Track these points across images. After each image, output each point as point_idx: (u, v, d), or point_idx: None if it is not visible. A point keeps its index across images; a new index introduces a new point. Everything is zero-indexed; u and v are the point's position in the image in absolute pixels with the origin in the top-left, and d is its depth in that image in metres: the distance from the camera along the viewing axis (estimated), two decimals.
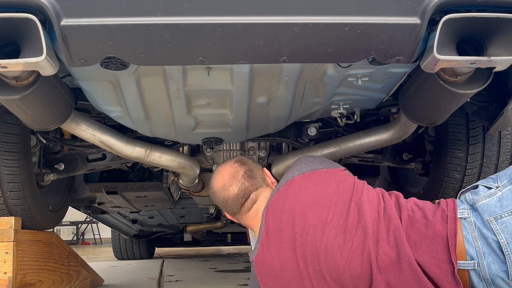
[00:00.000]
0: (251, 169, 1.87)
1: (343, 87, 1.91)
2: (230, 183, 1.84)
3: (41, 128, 1.92)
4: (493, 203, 1.53)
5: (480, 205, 1.55)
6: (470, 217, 1.55)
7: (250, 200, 1.82)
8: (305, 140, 2.50)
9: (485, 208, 1.53)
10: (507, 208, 1.51)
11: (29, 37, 1.35)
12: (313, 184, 1.74)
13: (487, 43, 1.44)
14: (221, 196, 1.86)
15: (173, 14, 1.36)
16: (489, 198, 1.55)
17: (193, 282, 3.89)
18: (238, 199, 1.83)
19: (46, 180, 2.58)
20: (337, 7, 1.39)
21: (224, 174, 1.87)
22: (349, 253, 1.59)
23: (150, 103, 1.92)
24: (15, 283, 2.19)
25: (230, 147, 2.63)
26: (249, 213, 1.84)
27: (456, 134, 2.30)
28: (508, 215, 1.50)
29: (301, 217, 1.67)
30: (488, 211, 1.52)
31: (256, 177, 1.86)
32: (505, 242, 1.48)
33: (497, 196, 1.54)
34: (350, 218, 1.64)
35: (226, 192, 1.84)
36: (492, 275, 1.49)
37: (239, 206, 1.84)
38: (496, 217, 1.51)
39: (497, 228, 1.50)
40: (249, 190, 1.82)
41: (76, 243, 15.99)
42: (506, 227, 1.49)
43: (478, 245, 1.51)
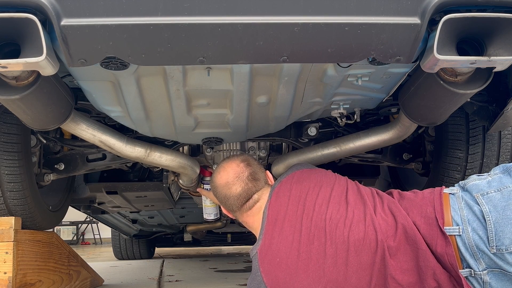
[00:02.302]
0: (256, 171, 1.93)
1: (343, 87, 1.91)
2: (234, 182, 1.89)
3: (41, 128, 1.92)
4: (482, 183, 1.64)
5: (470, 185, 1.66)
6: (458, 193, 1.67)
7: (252, 200, 1.88)
8: (305, 140, 2.50)
9: (473, 188, 1.64)
10: (493, 187, 1.60)
11: (29, 37, 1.35)
12: (314, 173, 1.91)
13: (487, 43, 1.44)
14: (223, 192, 1.91)
15: (173, 14, 1.36)
16: (479, 180, 1.66)
17: (193, 282, 3.89)
18: (240, 199, 1.88)
19: (46, 180, 2.57)
20: (337, 7, 1.39)
21: (229, 172, 1.91)
22: (352, 221, 1.70)
23: (150, 103, 1.92)
24: (15, 283, 2.19)
25: (230, 147, 2.63)
26: (250, 211, 1.89)
27: (456, 134, 2.30)
28: (494, 191, 1.59)
29: (307, 198, 1.78)
30: (476, 189, 1.63)
31: (260, 179, 1.92)
32: (487, 211, 1.56)
33: (487, 180, 1.64)
34: (349, 195, 1.79)
35: (229, 190, 1.89)
36: (475, 241, 1.57)
37: (239, 205, 1.89)
38: (482, 193, 1.61)
39: (482, 202, 1.59)
40: (252, 191, 1.88)
41: (76, 243, 15.99)
42: (490, 200, 1.58)
43: (463, 213, 1.61)
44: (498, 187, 1.59)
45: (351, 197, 1.78)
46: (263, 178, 1.94)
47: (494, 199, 1.57)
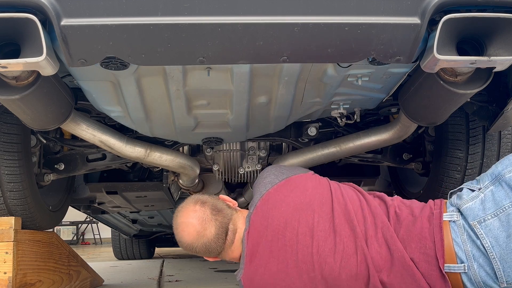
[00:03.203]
0: (214, 204, 1.77)
1: (343, 87, 1.91)
2: (204, 227, 1.72)
3: (41, 128, 1.92)
4: (476, 206, 1.53)
5: (464, 209, 1.55)
6: (459, 220, 1.55)
7: (230, 232, 1.74)
8: (305, 140, 2.50)
9: (468, 213, 1.53)
10: (489, 210, 1.51)
11: (29, 37, 1.35)
12: (290, 192, 1.70)
13: (487, 43, 1.44)
14: (200, 243, 1.73)
15: (173, 14, 1.36)
16: (472, 201, 1.55)
17: (193, 282, 3.89)
18: (219, 237, 1.72)
19: (46, 180, 2.57)
20: (337, 7, 1.39)
21: (192, 222, 1.73)
22: (343, 254, 1.59)
23: (150, 103, 1.92)
24: (15, 283, 2.19)
25: (230, 147, 2.63)
26: (233, 245, 1.75)
27: (456, 134, 2.30)
28: (492, 217, 1.50)
29: (287, 227, 1.64)
30: (472, 215, 1.52)
31: (223, 209, 1.77)
32: (489, 246, 1.48)
33: (480, 199, 1.54)
34: (336, 219, 1.63)
35: (205, 237, 1.72)
36: (482, 278, 1.49)
37: (222, 243, 1.73)
38: (479, 220, 1.51)
39: (481, 232, 1.50)
40: (225, 223, 1.74)
41: (76, 243, 15.99)
42: (490, 230, 1.49)
43: (467, 248, 1.51)
44: (494, 211, 1.50)
45: (338, 222, 1.62)
46: (224, 205, 1.79)
47: (494, 229, 1.48)
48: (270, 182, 1.77)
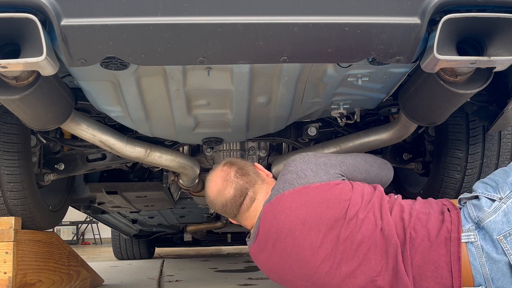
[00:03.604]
0: (241, 167, 1.82)
1: (343, 87, 1.91)
2: (225, 186, 1.79)
3: (41, 128, 1.92)
4: (500, 219, 1.46)
5: (487, 224, 1.47)
6: (477, 241, 1.48)
7: (248, 198, 1.77)
8: (305, 140, 2.50)
9: (493, 226, 1.46)
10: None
11: (29, 37, 1.35)
12: (303, 204, 1.66)
13: (487, 43, 1.44)
14: (219, 201, 1.81)
15: (173, 14, 1.36)
16: (495, 214, 1.48)
17: (193, 282, 3.89)
18: (236, 199, 1.77)
19: (46, 180, 2.57)
20: (337, 7, 1.39)
21: (216, 180, 1.82)
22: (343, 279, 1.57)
23: (150, 103, 1.92)
24: (15, 283, 2.19)
25: (230, 147, 2.63)
26: (248, 212, 1.79)
27: (456, 134, 2.30)
28: None
29: (291, 236, 1.64)
30: (497, 230, 1.45)
31: (249, 174, 1.81)
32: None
33: (503, 210, 1.47)
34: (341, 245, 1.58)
35: (223, 197, 1.79)
36: None
37: (238, 206, 1.78)
38: (505, 234, 1.44)
39: (507, 248, 1.43)
40: (245, 188, 1.78)
41: (76, 243, 15.99)
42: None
43: (485, 271, 1.46)
44: None
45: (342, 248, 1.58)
46: (252, 171, 1.82)
47: None
48: (289, 182, 1.72)
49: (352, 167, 1.83)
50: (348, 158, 1.86)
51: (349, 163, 1.83)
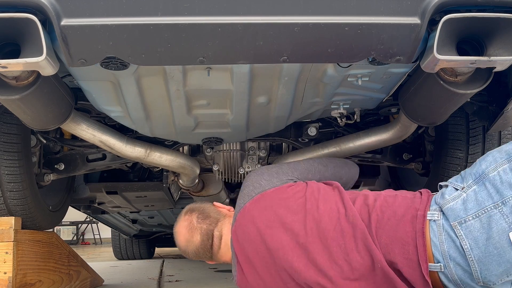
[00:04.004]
0: (201, 211, 1.87)
1: (343, 87, 1.91)
2: (191, 234, 1.84)
3: (41, 128, 1.92)
4: (458, 206, 1.50)
5: (446, 209, 1.53)
6: (439, 220, 1.53)
7: (216, 238, 1.82)
8: (305, 140, 2.50)
9: (450, 213, 1.51)
10: (471, 211, 1.48)
11: (29, 37, 1.35)
12: (264, 210, 1.73)
13: (487, 43, 1.44)
14: (190, 250, 1.85)
15: (173, 14, 1.36)
16: (453, 201, 1.52)
17: (193, 282, 3.89)
18: (205, 244, 1.82)
19: (46, 180, 2.58)
20: (337, 7, 1.39)
21: (182, 231, 1.87)
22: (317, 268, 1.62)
23: (150, 103, 1.92)
24: (15, 283, 2.19)
25: (230, 147, 2.63)
26: (221, 250, 1.84)
27: (456, 134, 2.30)
28: (472, 218, 1.47)
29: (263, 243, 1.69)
30: (453, 216, 1.50)
31: (210, 215, 1.86)
32: (468, 248, 1.46)
33: (462, 199, 1.51)
34: (309, 238, 1.64)
35: (193, 244, 1.84)
36: (459, 276, 1.49)
37: (209, 248, 1.83)
38: (460, 221, 1.48)
39: (461, 234, 1.47)
40: (210, 230, 1.83)
41: (76, 243, 15.99)
42: (470, 231, 1.46)
43: (444, 248, 1.50)
44: (476, 211, 1.46)
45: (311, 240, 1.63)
46: (213, 211, 1.88)
47: (474, 230, 1.46)
48: (248, 195, 1.81)
49: (304, 170, 1.94)
50: (300, 164, 1.98)
51: (300, 167, 1.94)
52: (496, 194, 1.45)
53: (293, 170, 1.90)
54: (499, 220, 1.43)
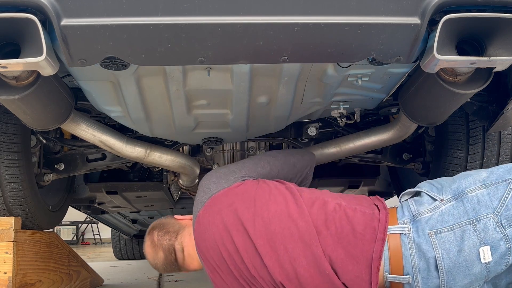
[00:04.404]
0: (161, 227, 1.89)
1: (343, 87, 1.91)
2: (155, 251, 1.87)
3: (41, 128, 1.92)
4: (436, 217, 1.57)
5: (424, 218, 1.58)
6: (410, 233, 1.58)
7: (178, 252, 1.85)
8: (305, 140, 2.50)
9: (428, 222, 1.57)
10: (447, 223, 1.55)
11: (29, 37, 1.35)
12: (217, 213, 1.75)
13: (487, 43, 1.44)
14: (159, 266, 1.89)
15: (173, 14, 1.36)
16: (433, 211, 1.58)
17: (193, 282, 3.89)
18: (168, 258, 1.86)
19: (46, 180, 2.58)
20: (337, 7, 1.39)
21: (148, 250, 1.90)
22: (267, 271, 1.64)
23: (150, 103, 1.92)
24: (15, 283, 2.19)
25: (230, 147, 2.63)
26: (186, 260, 1.86)
27: (456, 134, 2.30)
28: (448, 230, 1.54)
29: (223, 247, 1.71)
30: (430, 225, 1.56)
31: (169, 230, 1.88)
32: (440, 257, 1.52)
33: (440, 211, 1.58)
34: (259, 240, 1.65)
35: (159, 260, 1.87)
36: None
37: (174, 261, 1.86)
38: (436, 231, 1.55)
39: (435, 243, 1.54)
40: (170, 245, 1.85)
41: (76, 243, 15.99)
42: (444, 242, 1.53)
43: (414, 261, 1.55)
44: (451, 225, 1.54)
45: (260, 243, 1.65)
46: (172, 225, 1.89)
47: (448, 241, 1.53)
48: (200, 201, 1.83)
49: (253, 165, 1.94)
50: (248, 160, 2.00)
51: (249, 163, 1.95)
52: (472, 211, 1.54)
53: (241, 168, 1.91)
54: (472, 235, 1.52)
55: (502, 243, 1.50)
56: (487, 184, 1.57)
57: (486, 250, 1.51)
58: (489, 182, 1.57)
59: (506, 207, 1.52)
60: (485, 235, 1.51)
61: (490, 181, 1.57)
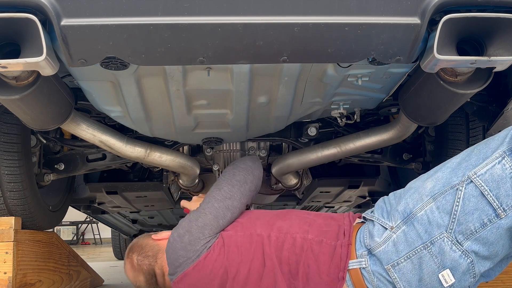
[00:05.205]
0: (140, 251, 1.87)
1: (343, 87, 1.91)
2: (136, 274, 1.87)
3: (41, 128, 1.92)
4: (390, 249, 1.54)
5: (377, 253, 1.56)
6: (367, 267, 1.57)
7: (158, 276, 1.84)
8: (305, 140, 2.50)
9: (382, 256, 1.54)
10: (402, 253, 1.52)
11: (29, 37, 1.35)
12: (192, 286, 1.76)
13: (487, 43, 1.44)
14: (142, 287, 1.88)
15: (173, 14, 1.36)
16: (384, 244, 1.55)
17: None
18: (149, 281, 1.85)
19: (46, 180, 2.58)
20: (337, 7, 1.39)
21: (128, 272, 1.90)
22: None
23: (150, 103, 1.92)
24: (15, 283, 2.19)
25: (230, 147, 2.63)
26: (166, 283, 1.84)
27: (456, 134, 2.30)
28: (404, 260, 1.51)
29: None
30: (386, 259, 1.54)
31: (148, 253, 1.86)
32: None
33: (392, 240, 1.54)
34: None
35: (141, 283, 1.87)
36: None
37: (155, 284, 1.85)
38: (393, 264, 1.53)
39: (395, 276, 1.52)
40: (151, 269, 1.84)
41: (76, 243, 16.00)
42: (403, 274, 1.51)
43: None
44: (407, 253, 1.51)
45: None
46: (151, 247, 1.87)
47: (407, 272, 1.51)
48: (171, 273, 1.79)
49: (213, 221, 1.81)
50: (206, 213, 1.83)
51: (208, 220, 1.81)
52: (425, 234, 1.49)
53: (203, 229, 1.79)
54: (429, 261, 1.48)
55: (462, 261, 1.46)
56: (435, 196, 1.50)
57: (446, 274, 1.47)
58: (436, 193, 1.50)
59: (458, 222, 1.45)
60: (442, 258, 1.47)
61: (437, 191, 1.50)
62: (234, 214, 1.86)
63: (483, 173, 1.45)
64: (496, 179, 1.42)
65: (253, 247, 1.71)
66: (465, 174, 1.47)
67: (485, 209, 1.43)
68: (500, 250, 1.48)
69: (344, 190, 3.19)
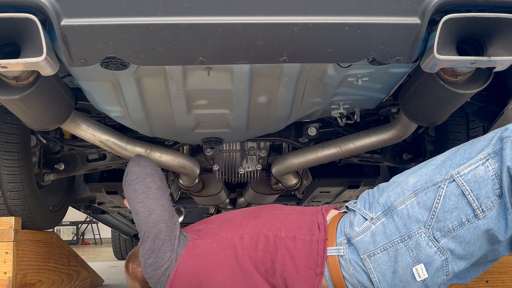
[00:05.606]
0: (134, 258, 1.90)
1: (343, 87, 1.91)
2: (132, 282, 1.91)
3: (41, 128, 1.92)
4: (367, 239, 1.55)
5: (355, 242, 1.57)
6: (345, 255, 1.58)
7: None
8: (305, 140, 2.50)
9: (359, 246, 1.56)
10: (379, 244, 1.53)
11: (29, 37, 1.35)
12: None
13: (487, 43, 1.44)
14: None
15: (173, 14, 1.36)
16: (363, 234, 1.56)
17: None
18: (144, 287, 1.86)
19: (46, 180, 2.58)
20: (337, 7, 1.39)
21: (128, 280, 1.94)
22: None
23: (150, 103, 1.92)
24: (15, 283, 2.19)
25: (230, 147, 2.63)
26: None
27: (456, 134, 2.30)
28: (381, 251, 1.52)
29: None
30: (362, 249, 1.55)
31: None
32: (377, 280, 1.53)
33: (371, 231, 1.55)
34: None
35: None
36: None
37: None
38: (369, 254, 1.54)
39: (370, 267, 1.53)
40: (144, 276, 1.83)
41: (76, 243, 15.99)
42: (378, 264, 1.52)
43: (354, 281, 1.56)
44: (384, 244, 1.52)
45: None
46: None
47: (382, 263, 1.52)
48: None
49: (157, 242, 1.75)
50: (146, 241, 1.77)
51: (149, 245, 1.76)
52: (403, 227, 1.50)
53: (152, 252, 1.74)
54: (405, 254, 1.49)
55: (437, 257, 1.47)
56: (417, 192, 1.52)
57: (420, 269, 1.49)
58: (418, 188, 1.52)
59: (437, 219, 1.47)
60: (418, 252, 1.48)
61: (419, 187, 1.52)
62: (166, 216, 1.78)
63: (466, 173, 1.46)
64: (478, 180, 1.44)
65: (224, 253, 1.70)
66: (448, 173, 1.48)
67: (465, 208, 1.45)
68: (477, 251, 1.49)
69: (344, 190, 3.19)
